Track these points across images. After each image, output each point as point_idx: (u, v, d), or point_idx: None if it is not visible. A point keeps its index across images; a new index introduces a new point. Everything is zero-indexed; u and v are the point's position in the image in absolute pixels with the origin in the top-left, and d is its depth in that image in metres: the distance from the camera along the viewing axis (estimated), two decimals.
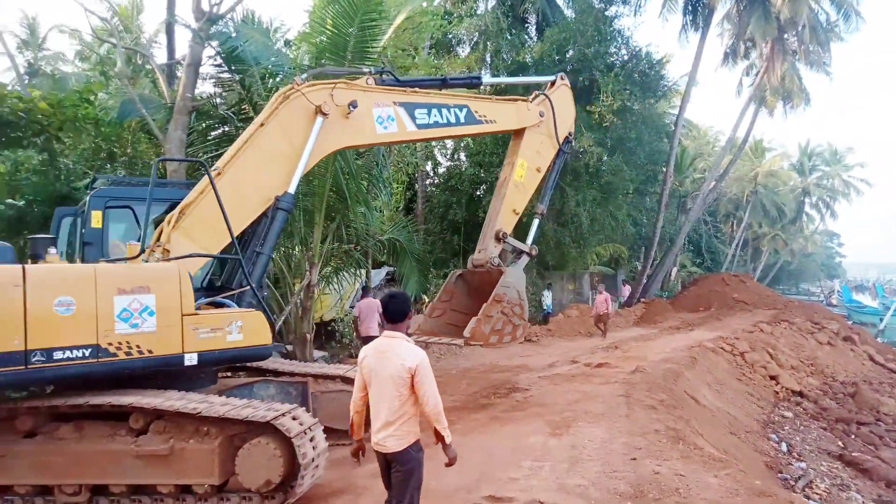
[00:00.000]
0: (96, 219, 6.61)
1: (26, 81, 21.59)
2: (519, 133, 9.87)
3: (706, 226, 44.12)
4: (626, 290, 30.25)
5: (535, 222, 10.43)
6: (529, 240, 10.09)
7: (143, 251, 5.73)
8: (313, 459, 5.27)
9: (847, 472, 10.83)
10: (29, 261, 5.63)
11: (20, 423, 5.45)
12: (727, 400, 12.74)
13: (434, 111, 8.52)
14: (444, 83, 9.36)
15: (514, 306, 9.03)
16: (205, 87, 14.16)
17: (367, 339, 12.61)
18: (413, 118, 8.25)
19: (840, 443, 12.75)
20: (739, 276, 31.79)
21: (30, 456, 5.34)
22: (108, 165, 14.87)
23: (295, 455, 5.07)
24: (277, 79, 11.68)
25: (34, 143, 12.52)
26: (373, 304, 12.71)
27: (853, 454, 11.80)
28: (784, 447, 11.29)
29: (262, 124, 6.94)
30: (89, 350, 5.19)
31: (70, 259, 7.09)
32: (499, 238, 9.43)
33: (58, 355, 5.06)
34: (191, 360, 5.67)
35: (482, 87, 20.85)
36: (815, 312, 24.32)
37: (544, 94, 9.90)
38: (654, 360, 13.68)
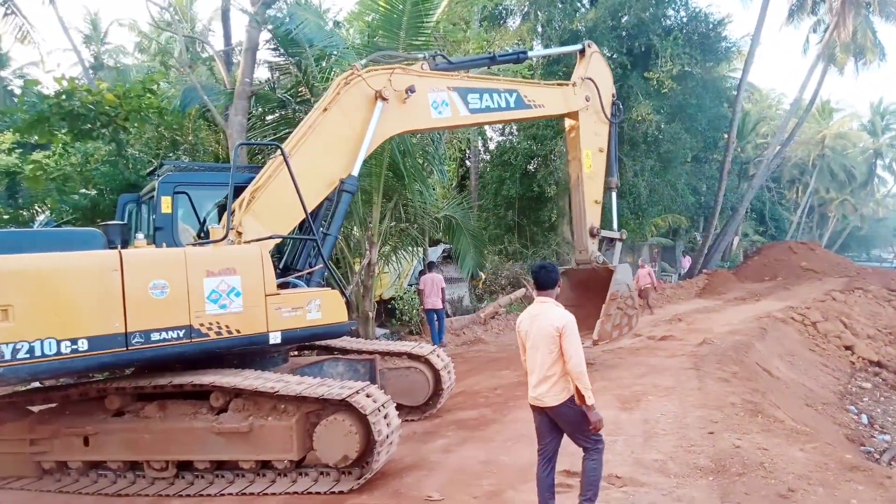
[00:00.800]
0: (166, 204, 6.73)
1: (92, 75, 22.40)
2: (572, 123, 9.96)
3: (769, 192, 42.27)
4: (687, 262, 29.50)
5: (613, 196, 10.66)
6: (614, 216, 10.54)
7: (227, 234, 5.90)
8: (388, 436, 5.35)
9: None
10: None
11: (109, 402, 5.73)
12: (801, 371, 12.29)
13: (486, 96, 8.59)
14: (492, 60, 9.61)
15: (627, 299, 9.70)
16: (261, 73, 14.39)
17: (430, 312, 13.21)
18: (466, 103, 8.33)
19: None
20: (807, 244, 30.46)
21: (119, 433, 5.61)
22: (172, 153, 15.34)
23: (370, 431, 5.16)
24: (332, 59, 11.72)
25: (103, 135, 13.00)
26: (436, 279, 12.98)
27: None
28: (865, 419, 10.82)
29: (325, 109, 7.07)
30: (183, 331, 5.37)
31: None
32: (593, 234, 9.89)
33: (155, 336, 5.25)
34: (275, 338, 5.82)
35: (534, 61, 20.44)
36: (893, 279, 23.10)
37: (585, 77, 9.87)
38: (721, 331, 13.30)
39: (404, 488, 5.26)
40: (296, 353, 7.57)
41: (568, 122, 10.10)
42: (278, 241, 6.73)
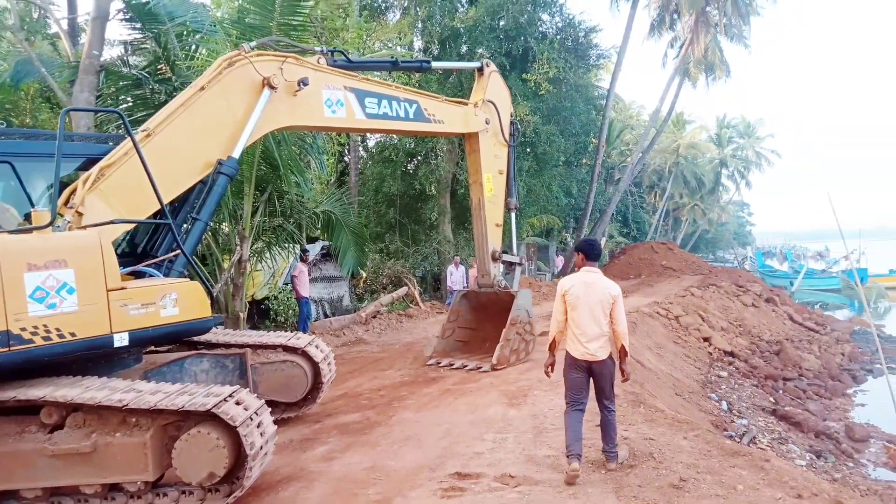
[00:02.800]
0: None
1: None
2: (472, 145, 9.87)
3: (632, 196, 45.33)
4: (560, 261, 30.68)
5: (512, 217, 10.76)
6: (513, 238, 10.77)
7: (54, 218, 4.85)
8: (261, 447, 4.69)
9: (781, 425, 11.23)
10: None
11: None
12: (668, 362, 12.97)
13: (385, 102, 8.16)
14: (394, 65, 9.28)
15: (526, 325, 9.85)
16: (114, 52, 12.89)
17: (302, 300, 13.17)
18: (363, 106, 7.86)
19: (771, 398, 13.26)
20: (667, 244, 32.88)
21: None
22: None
23: (241, 444, 4.46)
24: (197, 37, 10.69)
25: None
26: (304, 270, 13.34)
27: (785, 408, 12.28)
28: (724, 406, 11.59)
29: (201, 88, 6.27)
30: None
31: None
32: (495, 258, 10.03)
33: None
34: (121, 340, 4.91)
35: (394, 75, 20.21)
36: (739, 276, 25.40)
37: (486, 100, 9.80)
38: None
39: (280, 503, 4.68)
40: (155, 349, 6.57)
41: (468, 144, 9.99)
42: (130, 226, 5.81)
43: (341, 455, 5.80)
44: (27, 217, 5.23)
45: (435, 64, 10.22)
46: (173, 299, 5.24)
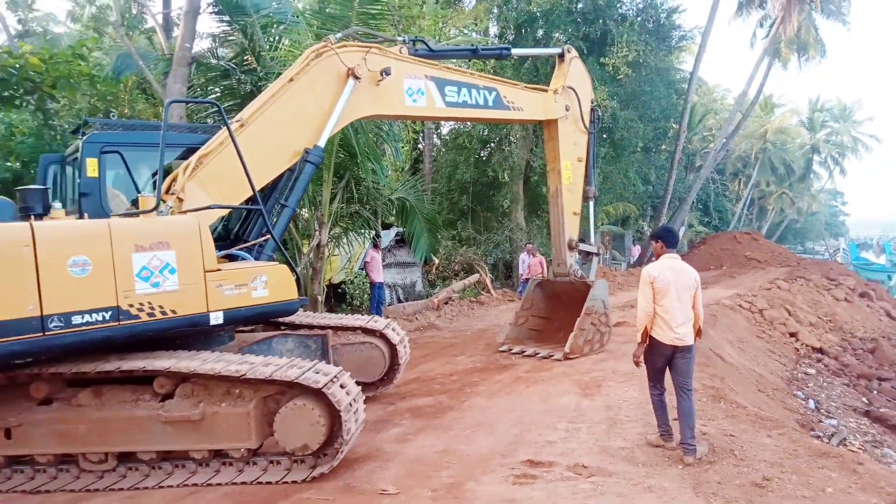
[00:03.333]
0: (92, 167, 5.94)
1: (17, 42, 20.82)
2: (550, 132, 9.74)
3: (714, 184, 43.35)
4: (636, 250, 29.87)
5: (591, 205, 10.54)
6: (591, 228, 10.52)
7: (159, 203, 5.21)
8: (355, 432, 5.06)
9: (875, 428, 10.58)
10: (20, 215, 5.16)
11: (34, 389, 5.05)
12: (750, 357, 12.44)
13: (464, 90, 8.22)
14: (474, 52, 9.34)
15: (601, 316, 9.66)
16: (204, 44, 13.52)
17: (375, 285, 13.56)
18: (443, 95, 7.96)
19: (864, 399, 12.49)
20: (751, 234, 31.33)
21: (49, 424, 4.96)
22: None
23: (335, 424, 4.86)
24: (280, 28, 11.05)
25: (27, 102, 11.96)
26: (377, 255, 13.64)
27: (880, 410, 11.55)
28: (812, 404, 11.01)
29: (290, 79, 6.57)
30: (109, 313, 4.74)
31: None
32: (571, 247, 9.86)
33: (76, 320, 4.61)
34: (217, 318, 5.24)
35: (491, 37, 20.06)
36: (831, 269, 23.94)
37: (566, 87, 9.60)
38: None
39: (356, 481, 4.85)
40: (244, 329, 6.94)
41: (547, 132, 9.87)
42: (224, 212, 6.10)
43: (415, 437, 5.93)
44: (134, 202, 5.63)
45: (515, 51, 10.09)
46: (264, 281, 5.53)
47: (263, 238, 6.16)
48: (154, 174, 6.03)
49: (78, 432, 4.94)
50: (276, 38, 11.09)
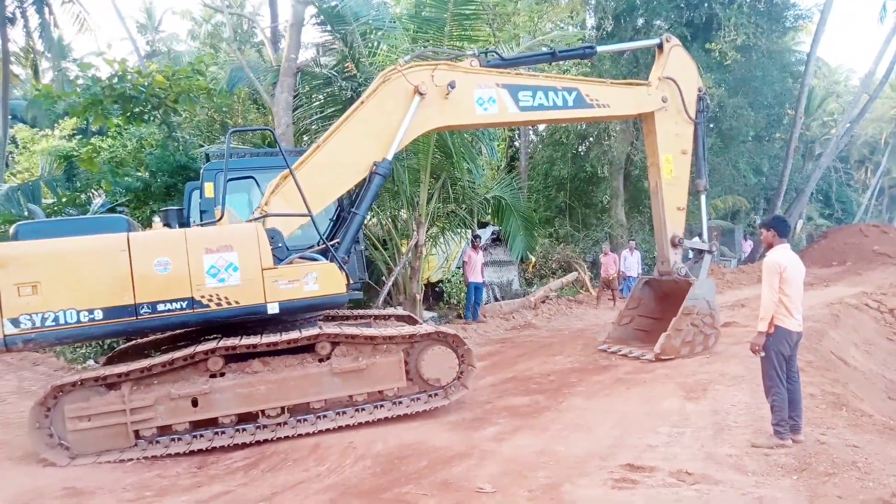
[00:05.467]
0: (208, 189, 7.54)
1: (145, 62, 22.81)
2: (648, 126, 9.39)
3: (836, 173, 40.03)
4: (748, 246, 28.17)
5: (703, 199, 9.96)
6: (703, 223, 9.94)
7: (222, 216, 6.41)
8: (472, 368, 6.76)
9: None
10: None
11: (212, 363, 5.97)
12: (879, 361, 11.39)
13: (539, 94, 8.20)
14: (552, 56, 9.06)
15: (705, 317, 9.13)
16: (308, 53, 14.21)
17: (471, 286, 13.58)
18: (516, 100, 8.03)
19: None
20: (879, 227, 28.68)
21: (232, 389, 5.97)
22: (221, 138, 15.37)
23: (463, 363, 6.70)
24: (378, 34, 11.41)
25: (154, 117, 13.08)
26: (474, 256, 13.65)
27: None
28: None
29: (362, 102, 7.25)
30: (185, 302, 5.85)
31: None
32: (675, 244, 9.45)
33: (160, 307, 5.77)
34: (273, 309, 6.11)
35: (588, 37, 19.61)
36: None
37: (663, 77, 9.19)
38: None
39: (453, 479, 4.93)
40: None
41: (644, 125, 9.54)
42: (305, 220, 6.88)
43: (511, 436, 5.94)
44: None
45: (602, 48, 9.72)
46: (314, 277, 6.31)
47: (322, 246, 6.83)
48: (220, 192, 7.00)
49: (259, 393, 6.01)
50: (375, 44, 11.47)
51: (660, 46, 9.47)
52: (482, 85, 7.79)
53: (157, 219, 6.64)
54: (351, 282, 6.92)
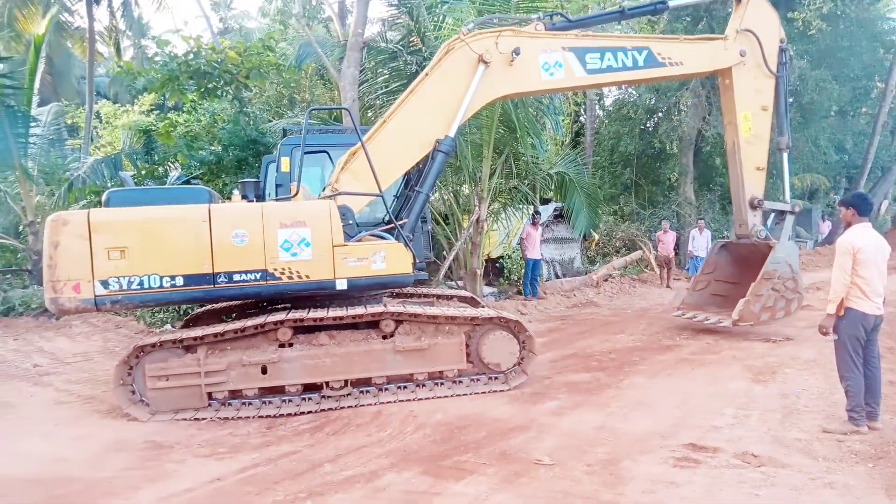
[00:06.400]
0: (284, 164, 7.69)
1: (219, 38, 23.49)
2: (727, 81, 8.90)
3: None
4: (826, 227, 26.77)
5: (785, 158, 9.44)
6: (786, 183, 9.44)
7: (297, 192, 6.63)
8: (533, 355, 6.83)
9: None
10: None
11: (281, 334, 6.23)
12: None
13: (608, 55, 7.94)
14: (622, 15, 8.67)
15: (787, 280, 8.77)
16: (374, 28, 14.30)
17: (529, 262, 13.41)
18: (583, 63, 7.81)
19: None
20: None
21: (299, 360, 6.24)
22: (290, 112, 15.73)
23: (524, 349, 6.77)
24: (444, 7, 11.35)
25: (226, 92, 13.50)
26: (533, 233, 13.23)
27: None
28: None
29: (426, 74, 7.18)
30: (259, 274, 6.06)
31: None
32: (754, 206, 9.13)
33: (236, 277, 6.02)
34: (342, 284, 6.28)
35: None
36: None
37: (742, 29, 8.66)
38: None
39: (512, 450, 4.99)
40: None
41: (721, 82, 9.09)
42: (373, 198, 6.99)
43: (570, 412, 5.95)
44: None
45: (674, 2, 9.26)
46: (382, 256, 6.44)
47: (391, 226, 6.91)
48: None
49: (324, 365, 6.25)
50: (441, 17, 11.42)
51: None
52: (548, 49, 7.60)
53: (236, 192, 6.90)
54: (417, 261, 6.98)
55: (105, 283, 5.74)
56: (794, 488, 4.06)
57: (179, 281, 5.89)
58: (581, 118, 23.22)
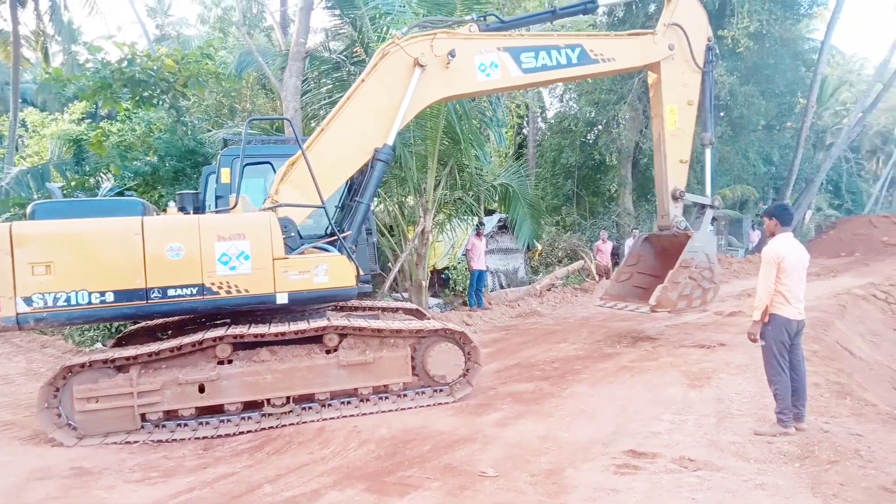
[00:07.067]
0: (225, 175, 7.53)
1: (155, 46, 22.79)
2: (655, 75, 9.12)
3: (847, 163, 39.61)
4: (755, 236, 28.03)
5: (708, 153, 9.61)
6: (707, 178, 9.57)
7: (236, 204, 6.47)
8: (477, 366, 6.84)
9: None
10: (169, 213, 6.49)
11: (220, 350, 6.02)
12: (885, 353, 11.36)
13: (542, 53, 7.99)
14: (553, 15, 8.77)
15: (704, 270, 8.94)
16: (317, 38, 14.17)
17: (474, 273, 13.46)
18: (519, 63, 7.83)
19: None
20: (890, 218, 28.49)
21: (239, 377, 6.04)
22: (230, 122, 15.38)
23: (469, 360, 6.81)
24: (388, 18, 11.35)
25: (163, 101, 13.10)
26: (478, 244, 13.58)
27: None
28: None
29: (362, 80, 7.07)
30: (196, 288, 5.88)
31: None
32: (676, 197, 9.19)
33: (171, 292, 5.81)
34: (282, 298, 6.13)
35: (597, 21, 19.44)
36: None
37: (670, 24, 8.91)
38: None
39: (456, 462, 4.98)
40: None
41: (650, 76, 9.27)
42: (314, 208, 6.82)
43: (515, 422, 5.99)
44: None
45: (604, 1, 9.24)
46: (325, 269, 6.30)
47: (334, 237, 6.79)
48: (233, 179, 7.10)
49: (265, 382, 6.07)
50: (384, 28, 11.40)
51: None
52: (483, 50, 7.60)
53: (172, 203, 6.67)
54: (361, 273, 6.89)
55: (28, 300, 5.43)
56: (728, 491, 4.20)
57: (110, 297, 5.62)
58: (524, 130, 23.63)
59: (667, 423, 5.69)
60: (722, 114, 19.39)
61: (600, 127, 20.80)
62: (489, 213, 17.60)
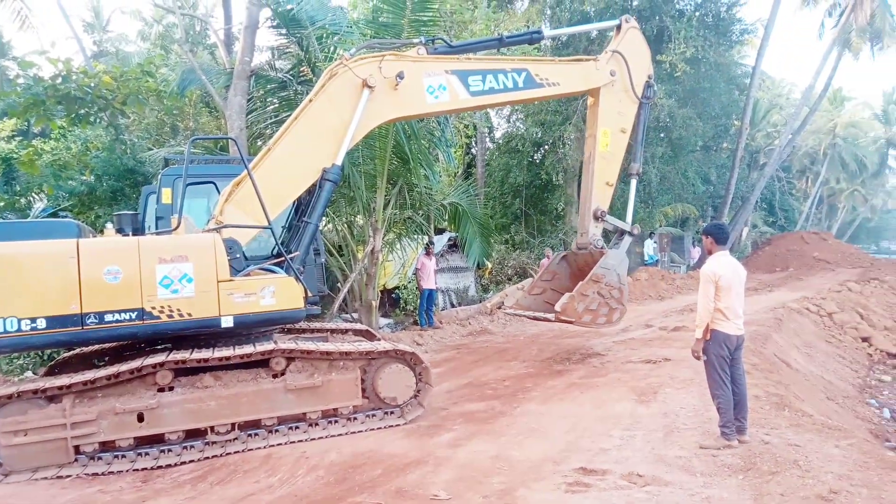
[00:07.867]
0: (166, 195, 7.26)
1: (92, 62, 22.05)
2: (594, 99, 9.36)
3: (779, 182, 41.66)
4: (696, 252, 28.99)
5: (633, 184, 9.89)
6: (630, 203, 9.78)
7: (179, 225, 6.23)
8: (429, 387, 6.78)
9: None
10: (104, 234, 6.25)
11: (161, 377, 5.77)
12: (819, 364, 11.86)
13: (489, 77, 8.14)
14: (500, 42, 8.93)
15: (613, 289, 8.90)
16: (263, 57, 14.00)
17: (424, 292, 13.50)
18: (466, 86, 7.95)
19: None
20: (819, 234, 29.98)
21: (181, 404, 5.79)
22: (171, 141, 14.99)
23: (421, 382, 6.73)
24: (335, 39, 11.32)
25: (100, 119, 12.66)
26: (427, 263, 13.65)
27: None
28: (886, 413, 10.40)
29: (310, 100, 7.02)
30: (135, 313, 5.66)
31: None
32: (597, 217, 9.26)
33: (108, 318, 5.57)
34: (227, 322, 5.98)
35: (542, 45, 19.98)
36: None
37: (614, 51, 9.20)
38: None
39: (408, 486, 4.90)
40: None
41: (591, 98, 9.50)
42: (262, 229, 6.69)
43: (466, 443, 5.95)
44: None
45: (549, 32, 9.44)
46: (272, 291, 6.18)
47: (281, 259, 6.64)
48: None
49: (209, 408, 5.85)
50: (332, 48, 11.37)
51: (618, 27, 9.44)
52: (431, 73, 7.67)
53: (109, 224, 6.43)
54: (309, 295, 6.76)
55: None
56: None
57: (41, 323, 5.35)
58: (472, 150, 23.89)
59: (616, 440, 5.76)
60: (662, 135, 20.13)
61: (547, 147, 21.25)
62: (439, 231, 17.64)
